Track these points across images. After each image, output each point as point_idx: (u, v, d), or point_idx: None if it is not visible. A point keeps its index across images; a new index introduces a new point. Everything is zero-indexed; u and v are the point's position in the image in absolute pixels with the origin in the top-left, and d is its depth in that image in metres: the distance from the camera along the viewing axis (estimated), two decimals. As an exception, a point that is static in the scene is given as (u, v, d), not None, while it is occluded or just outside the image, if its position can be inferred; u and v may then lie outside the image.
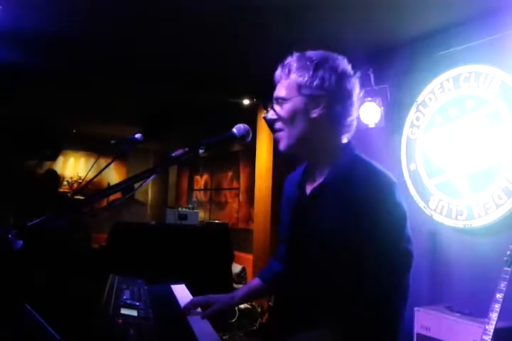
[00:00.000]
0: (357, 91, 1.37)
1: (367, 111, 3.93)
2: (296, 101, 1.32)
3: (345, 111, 1.34)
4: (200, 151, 1.25)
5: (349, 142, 1.39)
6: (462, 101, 3.35)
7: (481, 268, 3.09)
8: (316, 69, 1.31)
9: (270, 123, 1.37)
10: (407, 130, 3.78)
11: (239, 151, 7.88)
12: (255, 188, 5.87)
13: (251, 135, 1.36)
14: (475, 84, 3.25)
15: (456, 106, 3.39)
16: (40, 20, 3.76)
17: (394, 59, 3.93)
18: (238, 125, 1.35)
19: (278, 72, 1.38)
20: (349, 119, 1.36)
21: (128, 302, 1.44)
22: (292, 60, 1.35)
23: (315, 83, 1.30)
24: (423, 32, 3.62)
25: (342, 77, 1.33)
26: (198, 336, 1.32)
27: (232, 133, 1.33)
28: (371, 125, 3.93)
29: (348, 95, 1.34)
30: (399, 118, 3.85)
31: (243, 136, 1.34)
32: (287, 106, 1.33)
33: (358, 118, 1.43)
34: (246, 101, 5.63)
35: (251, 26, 3.68)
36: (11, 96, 6.26)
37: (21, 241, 0.90)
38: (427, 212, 3.52)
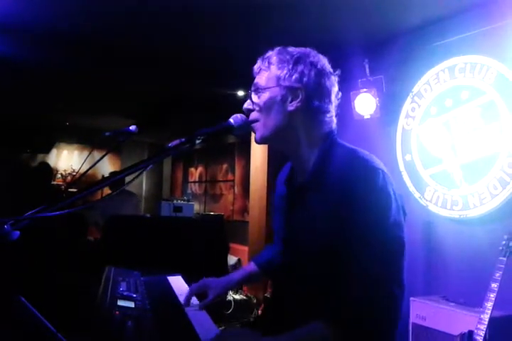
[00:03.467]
0: (335, 90, 1.38)
1: (362, 102, 3.92)
2: (274, 92, 1.31)
3: (323, 108, 1.34)
4: (197, 142, 1.24)
5: (331, 131, 1.38)
6: (458, 92, 3.34)
7: (477, 258, 3.10)
8: (296, 63, 1.31)
9: (246, 113, 1.36)
10: (402, 121, 3.78)
11: (234, 143, 7.86)
12: (250, 180, 5.87)
13: (248, 125, 1.35)
14: (470, 74, 3.24)
15: (452, 96, 3.39)
16: (32, 12, 3.72)
17: (389, 50, 3.91)
18: (235, 115, 1.34)
19: (257, 65, 1.37)
20: (328, 115, 1.36)
21: (125, 294, 1.43)
22: (273, 53, 1.35)
23: (294, 76, 1.30)
24: (419, 22, 3.60)
25: (321, 73, 1.33)
26: (195, 326, 1.32)
27: (229, 123, 1.32)
28: (366, 116, 3.93)
29: (326, 92, 1.34)
30: (394, 109, 3.84)
31: (240, 126, 1.32)
32: (264, 95, 1.32)
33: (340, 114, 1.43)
34: (241, 93, 5.61)
35: (248, 18, 3.65)
36: (4, 89, 6.21)
37: (18, 232, 0.89)
38: (423, 202, 3.53)
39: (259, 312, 4.90)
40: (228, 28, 3.92)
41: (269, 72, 1.33)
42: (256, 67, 1.38)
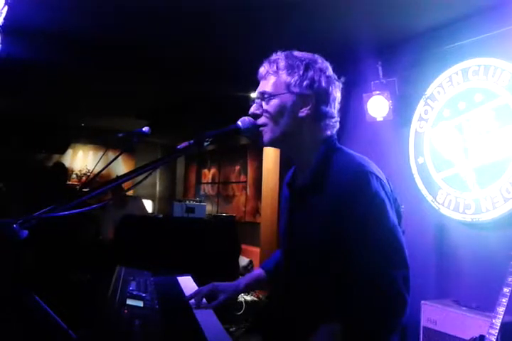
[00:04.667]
0: (339, 96, 1.40)
1: (375, 105, 3.91)
2: (285, 98, 1.33)
3: (330, 113, 1.37)
4: (205, 144, 1.26)
5: (331, 135, 1.40)
6: (471, 95, 3.32)
7: (489, 262, 3.08)
8: (306, 69, 1.33)
9: (253, 117, 1.37)
10: (415, 123, 3.76)
11: (246, 145, 7.88)
12: (262, 182, 5.87)
13: (256, 128, 1.36)
14: (484, 77, 3.22)
15: (465, 99, 3.37)
16: (46, 14, 3.77)
17: (402, 52, 3.90)
18: (243, 118, 1.35)
19: (264, 68, 1.38)
20: (333, 120, 1.39)
21: (134, 293, 1.45)
22: (280, 58, 1.36)
23: (305, 83, 1.32)
24: (432, 25, 3.58)
25: (330, 79, 1.36)
26: (203, 327, 1.33)
27: (237, 126, 1.34)
28: (379, 118, 3.92)
29: (333, 98, 1.38)
30: (407, 112, 3.82)
31: (247, 129, 1.34)
32: (274, 102, 1.33)
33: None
34: (253, 95, 5.62)
35: (262, 19, 3.66)
36: (21, 90, 6.29)
37: (26, 231, 0.91)
38: (435, 205, 3.51)
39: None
40: (242, 29, 3.92)
41: (278, 77, 1.34)
42: (262, 70, 1.38)
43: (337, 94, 1.39)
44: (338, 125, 1.42)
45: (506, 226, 3.03)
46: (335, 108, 1.39)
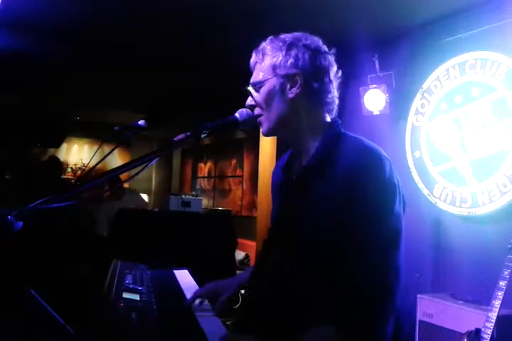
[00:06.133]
0: (334, 69, 1.34)
1: (372, 98, 3.90)
2: (272, 83, 1.29)
3: (324, 88, 1.31)
4: (202, 136, 1.24)
5: (334, 120, 1.36)
6: (468, 88, 3.31)
7: (485, 255, 3.08)
8: (289, 48, 1.29)
9: (250, 109, 1.34)
10: (412, 117, 3.76)
11: (243, 139, 7.86)
12: (259, 176, 5.86)
13: (255, 120, 1.34)
14: (481, 71, 3.21)
15: (462, 93, 3.36)
16: (44, 8, 3.74)
17: (399, 46, 3.89)
18: (241, 110, 1.33)
19: (253, 59, 1.36)
20: (329, 96, 1.33)
21: (130, 286, 1.44)
22: (265, 44, 1.33)
23: (289, 62, 1.28)
24: (429, 18, 3.57)
25: (316, 54, 1.30)
26: (199, 320, 1.33)
27: (235, 118, 1.32)
28: (376, 112, 3.91)
29: (324, 71, 1.31)
30: (404, 106, 3.82)
31: (245, 121, 1.32)
32: (263, 89, 1.31)
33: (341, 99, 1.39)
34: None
35: (256, 14, 3.64)
36: (16, 84, 6.25)
37: (21, 223, 0.90)
38: (432, 199, 3.51)
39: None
40: (236, 25, 3.90)
41: (264, 63, 1.31)
42: (252, 61, 1.36)
43: (330, 67, 1.32)
44: (336, 101, 1.35)
45: (503, 220, 3.04)
46: (330, 82, 1.32)
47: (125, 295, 1.34)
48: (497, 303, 2.50)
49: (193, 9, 3.65)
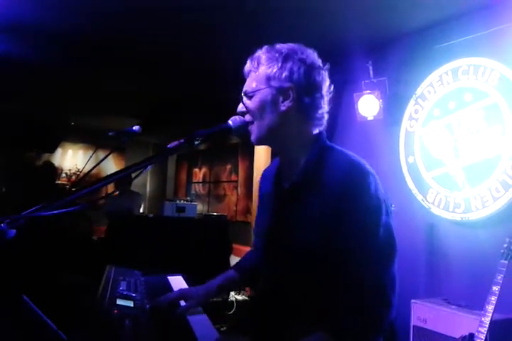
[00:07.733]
0: (326, 84, 1.35)
1: (366, 104, 3.92)
2: (265, 93, 1.30)
3: (315, 104, 1.33)
4: (196, 143, 1.25)
5: (321, 133, 1.38)
6: (461, 94, 3.34)
7: (478, 260, 3.10)
8: (284, 60, 1.30)
9: (242, 116, 1.35)
10: (405, 123, 3.78)
11: (237, 144, 7.86)
12: (254, 181, 5.87)
13: (246, 127, 1.35)
14: (474, 77, 3.24)
15: (455, 99, 3.38)
16: (38, 13, 3.74)
17: (393, 51, 3.92)
18: (234, 117, 1.34)
19: (247, 66, 1.36)
20: (319, 112, 1.34)
21: (124, 293, 1.44)
22: (261, 53, 1.34)
23: (284, 75, 1.29)
24: (422, 24, 3.60)
25: (311, 69, 1.31)
26: (193, 326, 1.33)
27: (228, 125, 1.32)
28: (370, 117, 3.93)
29: (317, 87, 1.32)
30: (397, 111, 3.84)
31: (238, 128, 1.33)
32: (256, 98, 1.32)
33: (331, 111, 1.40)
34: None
35: (250, 20, 3.65)
36: (10, 89, 6.23)
37: (14, 231, 0.90)
38: (425, 204, 3.53)
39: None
40: (231, 30, 3.92)
41: (258, 72, 1.32)
42: (246, 68, 1.37)
43: (323, 82, 1.34)
44: (326, 116, 1.37)
45: (496, 225, 3.05)
46: (322, 97, 1.34)
47: (119, 302, 1.34)
48: (490, 308, 2.51)
49: (191, 16, 3.67)
